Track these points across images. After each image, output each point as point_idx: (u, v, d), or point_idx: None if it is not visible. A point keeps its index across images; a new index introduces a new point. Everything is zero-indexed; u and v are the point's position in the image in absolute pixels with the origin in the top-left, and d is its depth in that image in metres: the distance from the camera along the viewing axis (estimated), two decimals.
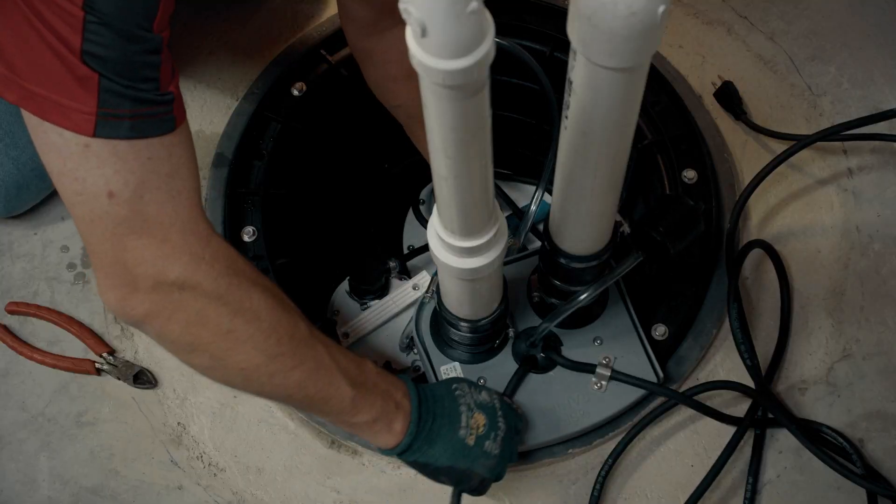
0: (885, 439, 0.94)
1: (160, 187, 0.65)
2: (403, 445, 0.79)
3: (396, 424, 0.79)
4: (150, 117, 0.64)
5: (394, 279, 1.07)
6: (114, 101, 0.61)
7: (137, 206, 0.64)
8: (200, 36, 1.21)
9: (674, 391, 0.94)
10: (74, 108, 0.60)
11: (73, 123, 0.60)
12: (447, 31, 0.45)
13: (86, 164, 0.62)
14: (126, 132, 0.62)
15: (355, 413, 0.77)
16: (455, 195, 0.62)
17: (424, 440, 0.79)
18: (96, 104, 0.60)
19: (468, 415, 0.81)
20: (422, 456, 0.79)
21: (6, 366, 1.02)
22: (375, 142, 1.29)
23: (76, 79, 0.60)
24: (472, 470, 0.80)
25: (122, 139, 0.62)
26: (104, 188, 0.63)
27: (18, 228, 1.09)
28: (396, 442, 0.79)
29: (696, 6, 1.23)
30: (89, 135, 0.61)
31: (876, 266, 1.04)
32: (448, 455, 0.79)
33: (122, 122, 0.62)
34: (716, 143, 1.11)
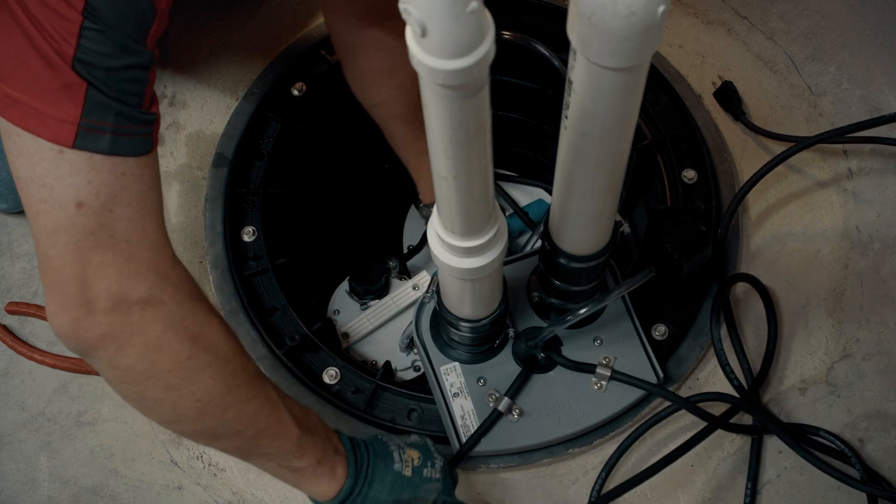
0: (885, 439, 0.94)
1: (131, 204, 0.63)
2: (346, 489, 0.77)
3: (339, 468, 0.78)
4: (131, 135, 0.63)
5: (394, 279, 1.08)
6: (98, 112, 0.60)
7: (105, 220, 0.62)
8: (200, 36, 1.21)
9: (672, 393, 0.93)
10: (56, 118, 0.59)
11: (50, 132, 0.59)
12: (447, 31, 0.45)
13: (56, 171, 0.60)
14: (106, 146, 0.61)
15: (301, 455, 0.75)
16: (455, 195, 0.62)
17: (364, 482, 0.78)
18: (80, 114, 0.59)
19: (400, 452, 0.81)
20: (364, 500, 0.78)
21: (6, 366, 1.02)
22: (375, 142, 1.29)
23: (63, 86, 0.58)
24: (418, 497, 0.79)
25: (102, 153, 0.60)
26: (73, 198, 0.60)
27: (18, 228, 1.09)
28: (339, 487, 0.77)
29: (696, 6, 1.23)
30: (68, 145, 0.59)
31: (876, 266, 1.04)
32: (387, 489, 0.78)
33: (104, 135, 0.60)
34: (716, 143, 1.12)
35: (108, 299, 0.63)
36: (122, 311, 0.63)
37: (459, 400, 0.92)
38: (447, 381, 0.93)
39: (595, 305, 0.83)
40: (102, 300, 0.63)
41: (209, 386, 0.68)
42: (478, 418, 0.91)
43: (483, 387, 0.92)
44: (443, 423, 0.92)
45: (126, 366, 0.65)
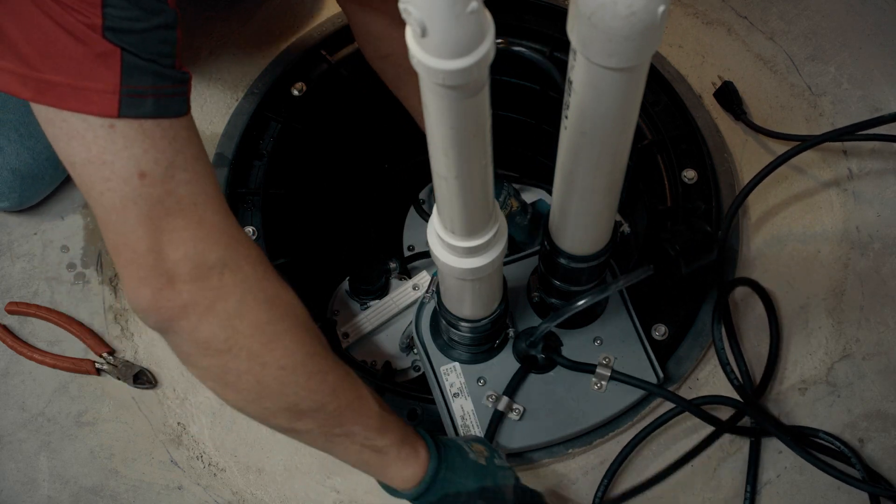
0: (885, 439, 0.94)
1: (187, 168, 0.62)
2: (430, 473, 0.73)
3: (421, 450, 0.74)
4: (171, 96, 0.62)
5: (394, 279, 1.08)
6: (136, 76, 0.59)
7: (170, 186, 0.61)
8: (200, 36, 1.21)
9: (672, 392, 0.93)
10: (96, 90, 0.58)
11: (95, 106, 0.58)
12: (447, 31, 0.45)
13: (112, 146, 0.59)
14: (150, 110, 0.60)
15: (384, 432, 0.72)
16: (455, 195, 0.62)
17: (448, 467, 0.75)
18: (119, 81, 0.58)
19: (467, 445, 0.79)
20: (451, 485, 0.74)
21: (6, 366, 1.02)
22: (375, 142, 1.29)
23: (97, 56, 0.58)
24: (501, 484, 0.77)
25: (148, 118, 0.60)
26: (135, 169, 0.60)
27: (18, 228, 1.09)
28: (423, 470, 0.73)
29: (696, 6, 1.23)
30: (114, 115, 0.58)
31: (876, 266, 1.04)
32: (473, 478, 0.75)
33: (146, 99, 0.60)
34: (716, 143, 1.12)
35: (186, 266, 0.62)
36: (202, 277, 0.63)
37: (459, 400, 0.92)
38: (447, 381, 0.93)
39: (592, 299, 0.83)
40: (181, 268, 0.62)
41: (292, 351, 0.66)
42: (478, 418, 0.91)
43: (483, 387, 0.92)
44: (443, 423, 0.92)
45: (208, 335, 0.64)
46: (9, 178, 1.02)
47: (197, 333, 0.64)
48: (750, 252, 1.05)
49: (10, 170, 1.01)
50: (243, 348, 0.65)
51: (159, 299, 0.62)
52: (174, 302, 0.62)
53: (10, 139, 1.01)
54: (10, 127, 1.01)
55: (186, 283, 0.62)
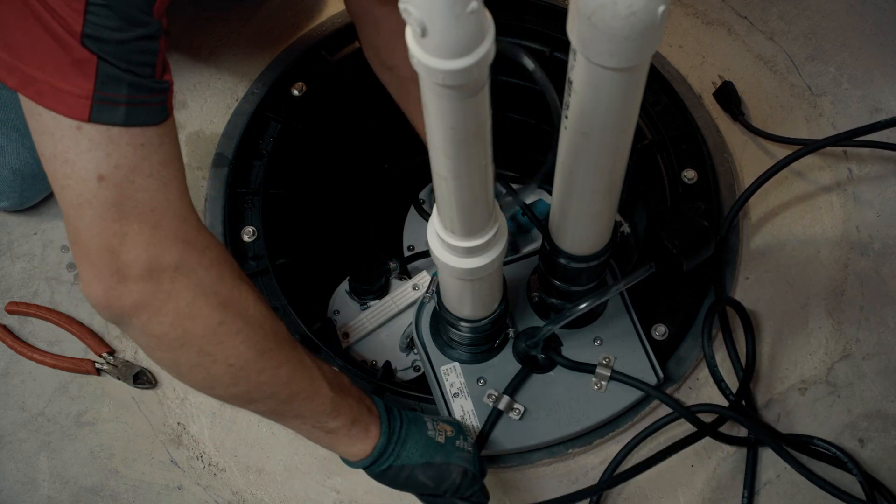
0: (885, 439, 0.94)
1: (152, 174, 0.64)
2: (379, 447, 0.78)
3: (372, 428, 0.79)
4: (146, 104, 0.63)
5: (394, 279, 1.08)
6: (111, 85, 0.60)
7: (128, 191, 0.63)
8: (200, 36, 1.21)
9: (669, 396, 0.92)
10: (69, 92, 0.60)
11: (67, 108, 0.60)
12: (447, 31, 0.45)
13: (76, 147, 0.61)
14: (121, 118, 0.61)
15: (336, 415, 0.76)
16: (455, 195, 0.62)
17: (397, 441, 0.79)
18: (93, 88, 0.60)
19: (433, 422, 0.83)
20: (396, 458, 0.79)
21: (6, 366, 1.02)
22: (375, 142, 1.29)
23: (74, 62, 0.59)
24: (450, 462, 0.80)
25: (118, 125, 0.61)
26: (94, 171, 0.61)
27: (18, 228, 1.09)
28: (372, 446, 0.78)
29: (696, 6, 1.23)
30: (84, 119, 0.60)
31: (876, 266, 1.04)
32: (421, 452, 0.79)
33: (118, 107, 0.61)
34: (716, 143, 1.12)
35: (138, 268, 0.64)
36: (154, 279, 0.64)
37: (459, 400, 0.92)
38: (447, 381, 0.93)
39: (594, 301, 0.83)
40: (133, 269, 0.64)
41: (241, 351, 0.69)
42: (478, 418, 0.91)
43: (483, 387, 0.92)
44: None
45: (160, 333, 0.66)
46: (9, 177, 1.02)
47: (149, 329, 0.66)
48: (750, 252, 1.05)
49: (10, 169, 1.01)
50: (194, 346, 0.67)
51: (110, 297, 0.64)
52: (125, 300, 0.64)
53: (11, 138, 1.01)
54: (11, 126, 1.01)
55: (137, 283, 0.64)
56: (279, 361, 0.72)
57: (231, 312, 0.68)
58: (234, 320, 0.68)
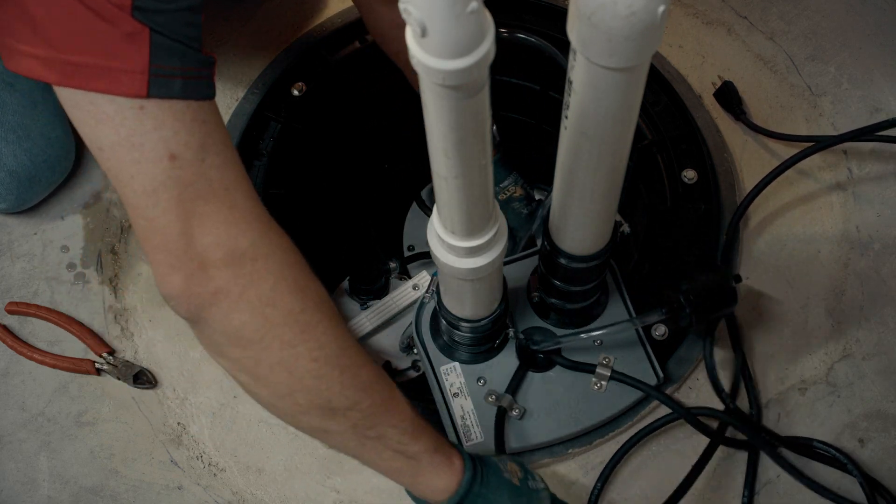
0: (885, 439, 0.94)
1: (219, 152, 0.61)
2: (466, 483, 0.70)
3: (455, 459, 0.71)
4: (198, 78, 0.61)
5: (394, 279, 1.07)
6: (165, 56, 0.58)
7: (201, 170, 0.60)
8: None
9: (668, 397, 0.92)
10: (124, 70, 0.57)
11: (124, 86, 0.57)
12: (447, 31, 0.45)
13: (141, 127, 0.58)
14: (179, 91, 0.59)
15: (417, 436, 0.69)
16: (455, 195, 0.62)
17: (482, 481, 0.71)
18: (148, 61, 0.57)
19: (503, 463, 0.76)
20: (485, 500, 0.71)
21: (6, 366, 1.02)
22: (375, 142, 1.29)
23: (125, 36, 0.57)
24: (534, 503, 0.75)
25: (177, 98, 0.59)
26: (164, 151, 0.58)
27: (18, 228, 1.09)
28: (458, 481, 0.70)
29: (696, 6, 1.23)
30: (143, 95, 0.57)
31: (876, 266, 1.04)
32: (507, 496, 0.72)
33: (174, 80, 0.59)
34: (716, 143, 1.12)
35: (218, 251, 0.61)
36: (235, 263, 0.61)
37: (459, 400, 0.92)
38: (447, 381, 0.93)
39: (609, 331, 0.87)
40: (213, 253, 0.61)
41: (324, 343, 0.64)
42: (478, 418, 0.91)
43: (483, 387, 0.92)
44: (443, 423, 0.92)
45: (240, 323, 0.62)
46: (6, 179, 1.02)
47: (228, 321, 0.62)
48: (749, 252, 1.05)
49: (7, 171, 1.01)
50: (276, 337, 0.63)
51: (191, 285, 0.61)
52: (206, 288, 0.61)
53: (8, 140, 1.00)
54: (7, 128, 1.01)
55: (218, 269, 0.61)
56: (360, 362, 0.67)
57: (310, 300, 0.64)
58: (314, 309, 0.64)
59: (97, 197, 1.12)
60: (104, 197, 1.11)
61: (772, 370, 0.98)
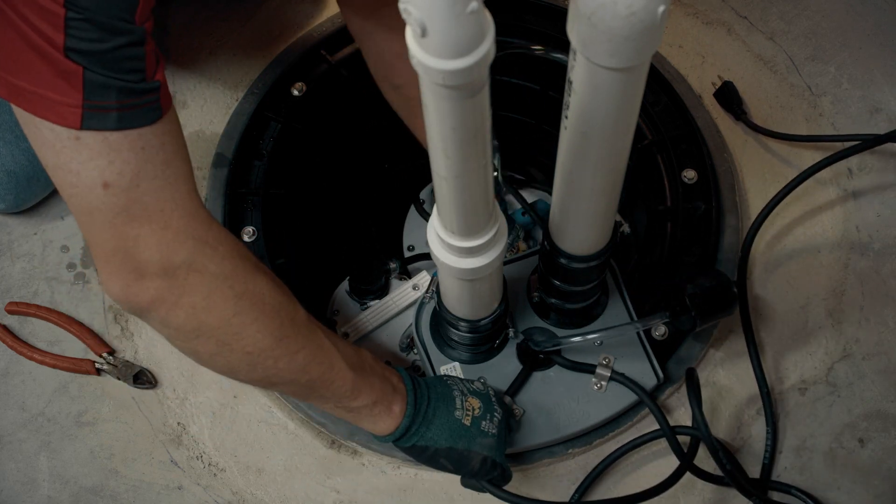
0: (885, 439, 0.94)
1: (157, 176, 0.65)
2: (402, 428, 0.80)
3: (395, 406, 0.80)
4: (137, 107, 0.63)
5: (394, 279, 1.07)
6: (99, 92, 0.61)
7: (134, 195, 0.64)
8: (200, 36, 1.21)
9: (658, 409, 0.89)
10: (60, 102, 0.60)
11: (60, 117, 0.60)
12: (447, 31, 0.45)
13: (78, 156, 0.62)
14: (114, 123, 0.62)
15: (356, 396, 0.78)
16: (455, 195, 0.62)
17: (422, 422, 0.80)
18: (82, 97, 0.60)
19: (462, 398, 0.83)
20: (420, 438, 0.80)
21: (6, 366, 1.02)
22: (375, 142, 1.29)
23: (60, 73, 0.59)
24: (471, 449, 0.81)
25: (112, 130, 0.62)
26: (98, 179, 0.62)
27: (18, 228, 1.09)
28: (395, 424, 0.80)
29: (696, 6, 1.23)
30: (76, 127, 0.60)
31: (876, 266, 1.04)
32: (446, 436, 0.80)
33: (109, 113, 0.61)
34: (716, 143, 1.11)
35: (153, 267, 0.65)
36: (169, 276, 0.66)
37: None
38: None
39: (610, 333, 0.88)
40: (149, 268, 0.65)
41: (258, 339, 0.70)
42: None
43: None
44: None
45: (177, 325, 0.68)
46: (4, 179, 1.01)
47: (168, 321, 0.68)
48: (750, 252, 1.05)
49: (5, 172, 1.01)
50: (211, 337, 0.69)
51: (128, 293, 0.66)
52: (143, 296, 0.66)
53: (6, 140, 1.00)
54: (5, 128, 1.01)
55: (154, 280, 0.66)
56: (296, 348, 0.73)
57: (246, 303, 0.70)
58: (249, 310, 0.70)
59: None
60: None
61: (772, 370, 0.98)
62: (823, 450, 0.94)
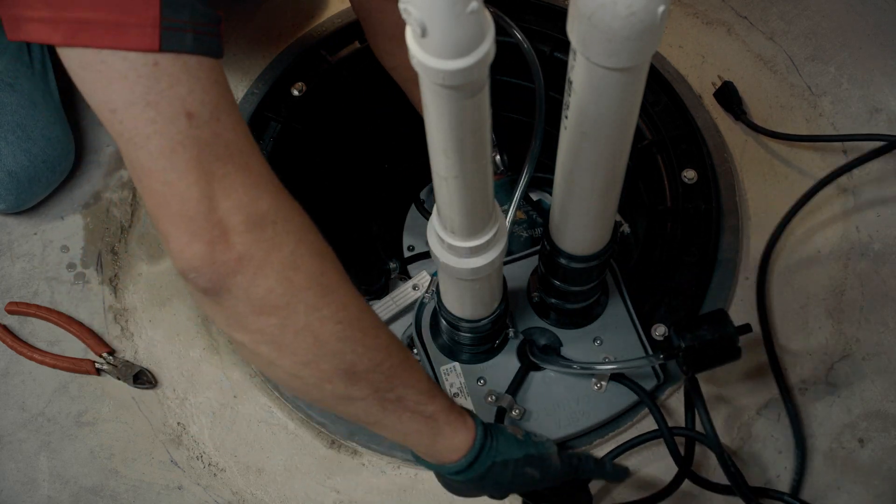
0: (885, 439, 0.94)
1: (232, 113, 0.60)
2: (479, 440, 0.72)
3: (467, 417, 0.73)
4: (208, 34, 0.59)
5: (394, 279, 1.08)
6: (174, 9, 0.56)
7: (217, 129, 0.58)
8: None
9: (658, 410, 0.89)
10: (134, 24, 0.55)
11: (135, 41, 0.55)
12: (447, 31, 0.45)
13: (157, 85, 0.56)
14: (191, 44, 0.57)
15: (433, 396, 0.70)
16: (455, 195, 0.62)
17: (493, 437, 0.74)
18: (158, 13, 0.55)
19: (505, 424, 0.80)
20: (498, 454, 0.73)
21: (6, 366, 1.02)
22: (375, 142, 1.29)
23: None
24: (545, 452, 0.77)
25: (190, 53, 0.57)
26: (181, 108, 0.56)
27: (18, 228, 1.09)
28: (472, 437, 0.72)
29: (696, 6, 1.23)
30: (155, 49, 0.55)
31: (876, 266, 1.04)
32: (517, 447, 0.75)
33: (186, 33, 0.57)
34: (716, 143, 1.11)
35: (239, 216, 0.58)
36: (257, 228, 0.59)
37: (459, 400, 0.92)
38: (447, 381, 0.93)
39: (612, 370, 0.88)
40: (234, 217, 0.58)
41: (347, 303, 0.63)
42: None
43: (483, 387, 0.92)
44: None
45: (266, 290, 0.60)
46: (5, 180, 1.02)
47: (254, 289, 0.60)
48: (749, 252, 1.05)
49: (6, 172, 1.01)
50: (301, 301, 0.61)
51: (214, 253, 0.58)
52: (229, 255, 0.58)
53: (8, 141, 1.00)
54: (6, 129, 1.01)
55: (240, 234, 0.58)
56: (378, 322, 0.66)
57: (328, 262, 0.63)
58: (332, 271, 0.63)
59: (97, 197, 1.12)
60: (104, 197, 1.11)
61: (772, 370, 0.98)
62: (823, 450, 0.94)
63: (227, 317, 0.62)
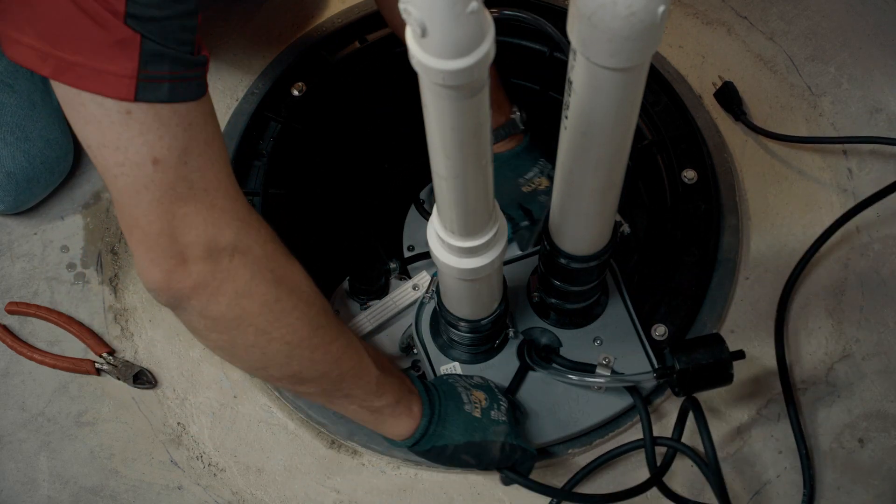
0: (885, 439, 0.94)
1: (202, 153, 0.64)
2: (422, 428, 0.79)
3: (415, 407, 0.80)
4: (187, 80, 0.62)
5: (394, 279, 1.08)
6: (154, 62, 0.60)
7: (183, 172, 0.62)
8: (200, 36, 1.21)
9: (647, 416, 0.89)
10: (113, 73, 0.58)
11: (112, 89, 0.59)
12: (447, 31, 0.45)
13: (127, 131, 0.60)
14: (165, 94, 0.60)
15: (381, 394, 0.77)
16: (455, 195, 0.62)
17: (438, 421, 0.80)
18: (137, 67, 0.59)
19: (467, 393, 0.84)
20: (439, 439, 0.80)
21: (6, 366, 1.02)
22: (375, 142, 1.29)
23: (116, 42, 0.58)
24: (488, 440, 0.81)
25: (164, 103, 0.60)
26: (148, 155, 0.61)
27: (18, 228, 1.09)
28: (415, 425, 0.79)
29: (696, 6, 1.23)
30: (130, 99, 0.59)
31: (876, 266, 1.04)
32: (461, 431, 0.80)
33: (162, 84, 0.60)
34: (716, 143, 1.12)
35: (198, 249, 0.64)
36: (213, 259, 0.65)
37: None
38: None
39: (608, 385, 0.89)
40: (193, 250, 0.64)
41: (297, 327, 0.69)
42: None
43: None
44: None
45: (218, 313, 0.66)
46: (4, 181, 1.01)
47: (207, 310, 0.66)
48: (750, 252, 1.05)
49: (4, 173, 1.01)
50: (251, 325, 0.67)
51: (170, 279, 0.64)
52: (185, 282, 0.64)
53: (7, 142, 1.00)
54: (6, 130, 1.01)
55: (197, 264, 0.64)
56: (331, 338, 0.73)
57: (285, 289, 0.69)
58: (288, 297, 0.69)
59: (97, 197, 1.12)
60: (104, 197, 1.11)
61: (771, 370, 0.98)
62: (823, 450, 0.94)
63: (186, 325, 0.70)
